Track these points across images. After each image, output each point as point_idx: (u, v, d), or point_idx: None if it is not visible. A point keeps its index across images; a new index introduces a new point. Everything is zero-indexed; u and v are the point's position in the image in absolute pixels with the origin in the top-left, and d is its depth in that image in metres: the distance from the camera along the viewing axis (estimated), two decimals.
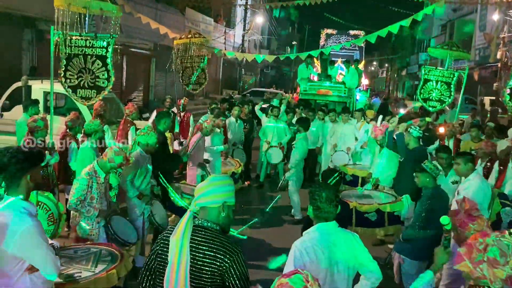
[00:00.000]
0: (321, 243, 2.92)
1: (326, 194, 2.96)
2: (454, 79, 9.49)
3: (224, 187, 2.62)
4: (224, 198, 2.59)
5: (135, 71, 19.32)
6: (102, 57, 6.60)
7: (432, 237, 4.70)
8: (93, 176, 4.78)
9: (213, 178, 2.69)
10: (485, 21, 25.24)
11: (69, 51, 6.48)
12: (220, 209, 2.58)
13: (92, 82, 6.63)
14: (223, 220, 2.59)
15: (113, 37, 6.65)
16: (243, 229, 5.55)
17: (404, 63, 49.62)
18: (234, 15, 31.49)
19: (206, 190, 2.60)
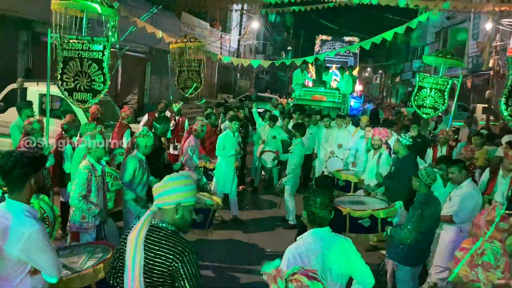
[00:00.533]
0: (315, 249, 2.95)
1: (321, 200, 2.99)
2: (448, 87, 9.58)
3: (178, 188, 2.58)
4: (178, 199, 2.57)
5: (130, 74, 19.31)
6: (98, 61, 6.64)
7: (424, 243, 4.78)
8: (91, 170, 4.82)
9: (168, 179, 2.65)
10: (478, 29, 25.50)
11: (65, 54, 6.52)
12: (174, 210, 2.58)
13: (88, 86, 6.66)
14: (178, 221, 2.60)
15: (110, 41, 6.69)
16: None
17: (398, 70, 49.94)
18: (230, 20, 31.56)
19: (160, 191, 2.60)
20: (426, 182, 4.76)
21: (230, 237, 7.24)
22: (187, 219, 2.64)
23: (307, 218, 3.06)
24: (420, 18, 10.38)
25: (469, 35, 27.94)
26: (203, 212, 6.11)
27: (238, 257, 6.54)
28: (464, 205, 5.18)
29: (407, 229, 4.64)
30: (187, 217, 2.63)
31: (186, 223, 2.65)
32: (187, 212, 2.62)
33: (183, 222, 2.62)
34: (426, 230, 4.67)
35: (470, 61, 26.98)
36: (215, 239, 6.84)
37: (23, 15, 12.53)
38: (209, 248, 6.70)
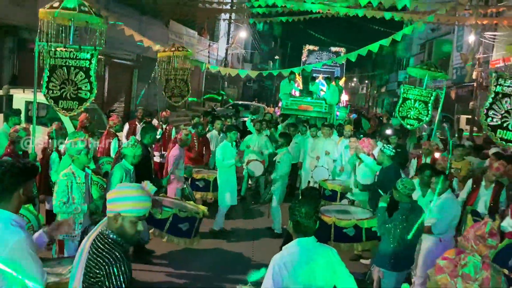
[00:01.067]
0: (300, 258, 3.00)
1: (306, 210, 3.05)
2: (432, 98, 9.76)
3: (119, 198, 2.57)
4: (118, 209, 2.55)
5: (117, 82, 19.26)
6: (85, 69, 6.65)
7: (408, 249, 4.89)
8: (71, 177, 4.83)
9: (118, 187, 2.66)
10: (462, 41, 25.96)
11: (52, 62, 6.51)
12: (113, 219, 2.57)
13: (74, 94, 6.66)
14: (118, 231, 2.56)
15: (97, 50, 6.71)
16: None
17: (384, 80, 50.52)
18: (218, 29, 31.69)
19: (107, 198, 2.62)
20: (405, 193, 4.89)
21: (216, 246, 7.25)
22: (128, 231, 2.58)
23: (292, 228, 3.12)
24: (405, 30, 10.55)
25: (453, 47, 28.42)
26: (189, 220, 6.11)
27: (224, 266, 6.56)
28: (443, 216, 5.27)
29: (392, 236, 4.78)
30: (127, 229, 2.57)
31: (126, 235, 2.59)
32: (127, 224, 2.57)
33: (123, 233, 2.57)
34: (411, 237, 4.78)
35: (454, 72, 27.42)
36: (201, 248, 6.84)
37: (9, 21, 12.46)
38: (195, 257, 6.71)
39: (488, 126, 6.97)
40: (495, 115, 6.91)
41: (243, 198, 10.32)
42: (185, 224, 6.05)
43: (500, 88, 6.84)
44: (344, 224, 6.01)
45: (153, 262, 6.44)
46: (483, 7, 14.14)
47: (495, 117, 6.92)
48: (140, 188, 2.65)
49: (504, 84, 6.81)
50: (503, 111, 6.85)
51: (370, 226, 5.93)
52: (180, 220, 5.99)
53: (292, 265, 2.97)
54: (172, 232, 5.97)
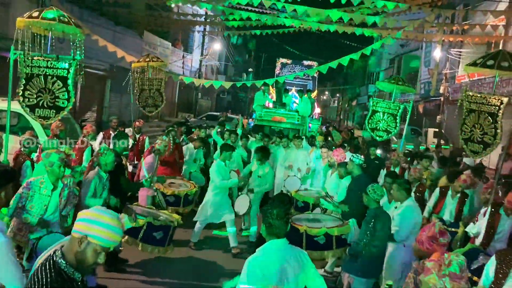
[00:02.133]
0: (273, 259, 3.12)
1: (277, 212, 3.18)
2: (400, 111, 10.12)
3: (94, 221, 2.34)
4: (89, 232, 2.33)
5: (90, 92, 19.07)
6: (63, 78, 6.69)
7: (377, 256, 5.07)
8: (34, 186, 4.89)
9: (95, 209, 2.42)
10: (429, 57, 26.85)
11: (29, 71, 6.52)
12: (78, 241, 2.34)
13: (51, 102, 6.68)
14: (77, 255, 2.34)
15: (76, 59, 6.76)
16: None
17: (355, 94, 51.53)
18: (192, 40, 31.82)
19: (80, 216, 2.39)
20: (374, 198, 5.13)
21: (190, 255, 7.30)
22: (88, 259, 2.35)
23: (265, 230, 3.24)
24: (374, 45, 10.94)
25: (421, 63, 29.35)
26: (163, 229, 6.14)
27: (198, 275, 6.61)
28: (403, 224, 5.40)
29: (362, 242, 4.98)
30: (88, 256, 2.35)
31: (84, 262, 2.36)
32: (90, 251, 2.34)
33: (82, 259, 2.35)
34: (379, 243, 4.98)
35: (422, 87, 28.30)
36: (175, 257, 6.88)
37: None
38: (169, 265, 6.74)
39: (463, 140, 7.34)
40: (466, 129, 7.30)
41: None
42: (159, 233, 6.08)
43: (469, 105, 7.22)
44: (315, 233, 6.13)
45: (127, 271, 6.43)
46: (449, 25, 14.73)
47: (465, 131, 7.30)
48: (117, 218, 2.42)
49: (471, 101, 7.19)
50: (471, 125, 7.23)
51: (340, 234, 6.09)
52: (154, 228, 6.02)
53: (266, 266, 3.09)
54: (146, 241, 5.99)
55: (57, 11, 6.41)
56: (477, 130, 7.14)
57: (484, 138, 7.02)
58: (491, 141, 6.97)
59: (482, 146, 7.13)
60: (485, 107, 6.98)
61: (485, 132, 7.02)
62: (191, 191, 8.36)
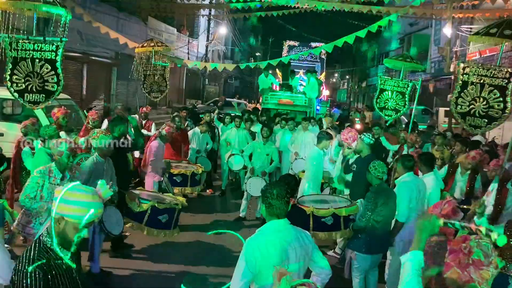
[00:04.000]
0: (273, 240, 3.01)
1: (277, 191, 3.05)
2: (409, 89, 9.87)
3: (68, 201, 2.34)
4: (64, 212, 2.34)
5: (96, 80, 19.06)
6: (51, 61, 6.55)
7: (379, 232, 4.98)
8: (45, 175, 4.79)
9: (69, 188, 2.38)
10: (439, 35, 26.32)
11: (15, 55, 6.39)
12: (56, 221, 2.36)
13: (40, 86, 6.57)
14: (57, 234, 2.36)
15: (63, 41, 6.60)
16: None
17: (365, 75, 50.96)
18: (198, 25, 31.56)
19: (55, 196, 2.40)
20: (375, 175, 5.07)
21: (196, 239, 7.23)
22: (68, 237, 2.37)
23: (265, 211, 3.12)
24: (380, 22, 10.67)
25: (431, 41, 28.81)
26: (168, 212, 6.09)
27: (204, 259, 6.55)
28: (400, 199, 5.23)
29: (364, 218, 4.99)
30: (68, 234, 2.37)
31: (65, 240, 2.38)
32: (69, 229, 2.36)
33: (63, 237, 2.37)
34: (380, 219, 4.95)
35: (433, 66, 27.82)
36: (181, 241, 6.83)
37: None
38: (175, 250, 6.70)
39: (458, 114, 7.15)
40: (463, 102, 7.08)
41: (223, 192, 10.32)
42: (164, 216, 6.03)
43: (466, 77, 7.00)
44: (322, 214, 6.03)
45: (133, 256, 6.40)
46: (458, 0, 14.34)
47: (463, 104, 7.09)
48: (90, 193, 2.41)
49: (469, 73, 6.97)
50: (470, 99, 7.02)
51: (348, 214, 5.98)
52: (158, 212, 5.97)
53: (265, 246, 2.98)
54: (152, 225, 5.94)
55: None
56: (479, 103, 6.93)
57: (489, 112, 6.81)
58: (498, 114, 6.77)
59: (485, 121, 6.93)
60: (489, 79, 6.76)
61: (490, 106, 6.81)
62: (198, 170, 8.34)
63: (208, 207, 9.13)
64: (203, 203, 9.33)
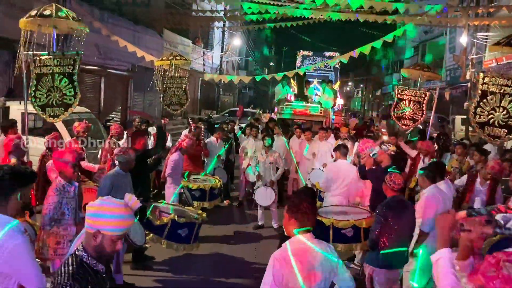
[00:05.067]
0: (299, 254, 3.02)
1: (306, 205, 3.07)
2: (426, 99, 9.85)
3: (102, 215, 2.43)
4: (100, 227, 2.42)
5: (113, 92, 19.30)
6: (69, 75, 6.69)
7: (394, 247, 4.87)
8: (61, 191, 4.81)
9: (100, 201, 2.49)
10: (454, 43, 26.17)
11: (38, 71, 6.56)
12: (92, 236, 2.44)
13: (60, 100, 6.71)
14: (96, 248, 2.45)
15: (79, 54, 6.75)
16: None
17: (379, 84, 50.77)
18: (212, 37, 31.85)
19: (88, 212, 2.49)
20: (390, 186, 4.99)
21: (216, 251, 7.27)
22: (106, 250, 2.47)
23: (290, 223, 3.12)
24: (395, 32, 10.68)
25: (446, 49, 28.64)
26: (187, 226, 6.13)
27: (224, 271, 6.58)
28: (427, 211, 5.16)
29: (374, 231, 4.87)
30: (106, 248, 2.46)
31: (104, 253, 2.48)
32: (107, 242, 2.45)
33: (101, 251, 2.46)
34: (393, 232, 4.80)
35: (448, 73, 27.64)
36: (202, 253, 6.87)
37: (4, 35, 12.51)
38: (195, 262, 6.74)
39: (476, 124, 7.10)
40: (482, 112, 7.04)
41: (241, 203, 10.35)
42: (183, 230, 6.06)
43: (486, 87, 6.96)
44: (342, 225, 6.03)
45: (154, 268, 6.46)
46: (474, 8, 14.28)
47: (482, 114, 7.04)
48: (123, 206, 2.51)
49: (489, 83, 6.94)
50: (489, 108, 6.97)
51: (368, 226, 5.96)
52: (178, 226, 6.01)
53: (292, 261, 2.98)
54: (171, 238, 5.98)
55: (55, 7, 6.38)
56: (499, 113, 6.88)
57: (509, 122, 6.75)
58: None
59: (505, 131, 6.87)
60: (510, 89, 6.71)
61: (510, 116, 6.75)
62: (216, 185, 8.38)
63: (226, 218, 9.17)
64: (220, 214, 9.36)
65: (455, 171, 8.11)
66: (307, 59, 28.07)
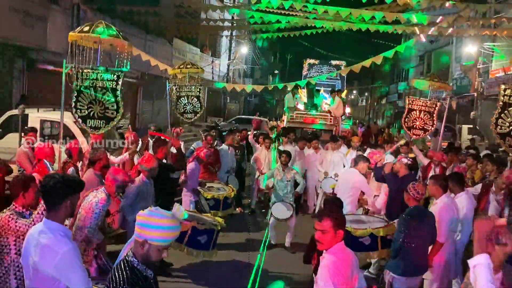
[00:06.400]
0: (345, 262, 3.23)
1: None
2: (436, 109, 9.95)
3: (151, 225, 2.55)
4: (148, 237, 2.55)
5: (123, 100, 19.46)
6: (111, 90, 6.90)
7: (415, 254, 4.98)
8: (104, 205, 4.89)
9: (150, 212, 2.61)
10: (460, 52, 26.30)
11: (80, 83, 6.76)
12: (140, 244, 2.58)
13: (101, 113, 6.90)
14: (143, 256, 2.59)
15: (123, 71, 6.95)
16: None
17: (384, 92, 50.84)
18: (220, 45, 32.09)
19: (138, 220, 2.62)
20: (413, 196, 5.08)
21: (234, 258, 7.37)
22: (152, 258, 2.61)
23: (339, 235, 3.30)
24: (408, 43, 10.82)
25: (452, 58, 28.77)
26: (207, 233, 6.23)
27: (241, 278, 6.66)
28: (441, 221, 5.27)
29: (397, 240, 4.99)
30: (152, 256, 2.60)
31: (150, 261, 2.63)
32: (153, 251, 2.59)
33: (147, 258, 2.61)
34: (415, 241, 4.92)
35: (454, 83, 27.73)
36: (220, 260, 6.96)
37: (19, 43, 12.72)
38: (213, 269, 6.83)
39: (497, 134, 7.21)
40: (503, 123, 7.15)
41: (253, 211, 10.45)
42: (203, 237, 6.17)
43: (507, 98, 7.08)
44: (360, 234, 6.11)
45: (173, 275, 6.55)
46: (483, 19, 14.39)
47: (503, 125, 7.15)
48: (171, 217, 2.63)
49: (510, 94, 7.05)
50: (511, 120, 7.08)
51: (385, 235, 6.05)
52: (198, 232, 6.11)
53: (344, 269, 3.19)
54: (191, 245, 6.09)
55: (106, 25, 6.68)
56: None
57: None
58: None
59: None
60: None
61: None
62: (230, 194, 8.47)
63: (239, 225, 9.25)
64: (233, 221, 9.43)
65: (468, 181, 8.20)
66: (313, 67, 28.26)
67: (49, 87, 12.98)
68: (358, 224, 6.37)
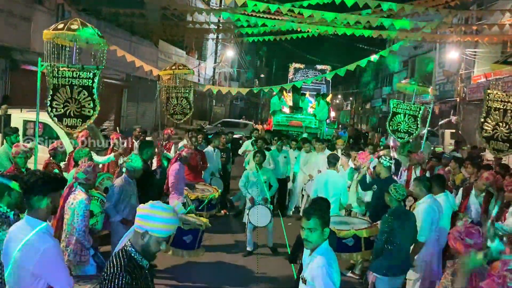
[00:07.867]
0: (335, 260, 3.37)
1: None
2: (420, 113, 10.10)
3: (152, 217, 2.65)
4: (148, 228, 2.64)
5: (107, 101, 19.31)
6: (88, 88, 6.83)
7: (398, 254, 5.06)
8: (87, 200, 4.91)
9: (149, 204, 2.71)
10: (444, 58, 26.72)
11: (55, 82, 6.68)
12: (141, 235, 2.67)
13: (78, 111, 6.82)
14: (142, 247, 2.68)
15: (99, 69, 6.90)
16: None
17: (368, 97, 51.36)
18: (206, 48, 32.06)
19: (138, 213, 2.71)
20: (395, 197, 5.18)
21: (219, 259, 7.35)
22: (152, 249, 2.70)
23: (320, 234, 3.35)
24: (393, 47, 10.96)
25: (435, 64, 29.21)
26: (192, 233, 6.23)
27: (226, 279, 6.66)
28: (421, 223, 5.36)
29: (380, 240, 5.07)
30: (151, 247, 2.69)
31: (149, 252, 2.71)
32: (153, 242, 2.68)
33: (147, 250, 2.69)
34: (398, 241, 5.00)
35: (437, 88, 28.15)
36: (204, 262, 6.95)
37: (2, 43, 12.56)
38: (198, 270, 6.81)
39: (483, 138, 7.38)
40: (488, 127, 7.32)
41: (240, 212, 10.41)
42: (188, 237, 6.17)
43: (491, 103, 7.26)
44: (343, 235, 6.18)
45: (157, 276, 6.50)
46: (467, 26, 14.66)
47: (488, 129, 7.33)
48: (171, 211, 2.73)
49: (493, 99, 7.23)
50: (495, 123, 7.25)
51: (369, 236, 6.12)
52: (183, 232, 6.11)
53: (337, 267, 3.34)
54: (177, 245, 6.09)
55: (81, 22, 6.59)
56: (502, 128, 7.15)
57: (511, 137, 7.02)
58: None
59: (507, 145, 7.13)
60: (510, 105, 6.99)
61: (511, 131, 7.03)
62: (214, 195, 8.46)
63: (224, 227, 9.24)
64: (218, 223, 9.41)
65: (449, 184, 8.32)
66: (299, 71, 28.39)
67: (32, 87, 12.71)
68: (341, 225, 6.43)
